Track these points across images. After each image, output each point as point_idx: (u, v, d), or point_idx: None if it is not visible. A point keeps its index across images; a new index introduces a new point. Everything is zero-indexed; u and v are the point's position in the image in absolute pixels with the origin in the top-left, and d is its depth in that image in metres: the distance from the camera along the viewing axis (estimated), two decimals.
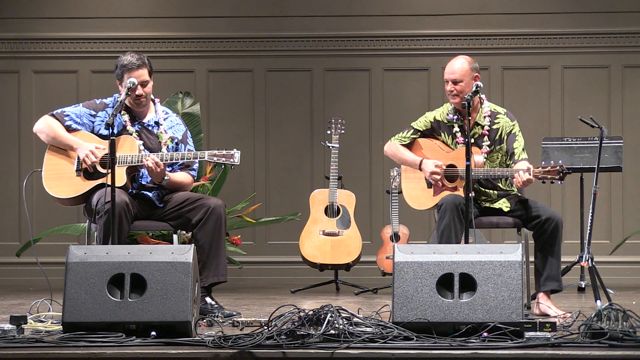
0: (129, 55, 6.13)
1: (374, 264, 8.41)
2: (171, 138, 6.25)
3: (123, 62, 6.11)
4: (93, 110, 6.19)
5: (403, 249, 4.90)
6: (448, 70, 6.38)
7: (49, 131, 6.14)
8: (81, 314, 4.77)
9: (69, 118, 6.17)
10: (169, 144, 6.23)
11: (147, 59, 6.16)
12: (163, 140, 6.23)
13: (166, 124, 6.28)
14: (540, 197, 8.23)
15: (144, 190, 6.17)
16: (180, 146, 6.29)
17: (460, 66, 6.33)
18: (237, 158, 5.99)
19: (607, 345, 4.47)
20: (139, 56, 6.14)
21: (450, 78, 6.35)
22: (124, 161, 6.00)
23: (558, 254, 6.23)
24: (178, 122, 6.36)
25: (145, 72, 6.12)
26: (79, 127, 6.17)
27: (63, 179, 6.09)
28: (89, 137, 6.13)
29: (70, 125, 6.16)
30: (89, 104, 6.24)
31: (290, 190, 9.40)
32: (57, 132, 6.13)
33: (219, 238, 6.08)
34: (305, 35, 9.43)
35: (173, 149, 6.25)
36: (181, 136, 6.31)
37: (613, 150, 7.78)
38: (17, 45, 9.50)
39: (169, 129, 6.27)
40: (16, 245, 9.12)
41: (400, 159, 6.53)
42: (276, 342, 4.50)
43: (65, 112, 6.20)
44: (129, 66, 6.09)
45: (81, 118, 6.18)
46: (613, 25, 9.29)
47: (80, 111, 6.20)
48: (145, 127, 6.23)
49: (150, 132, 6.23)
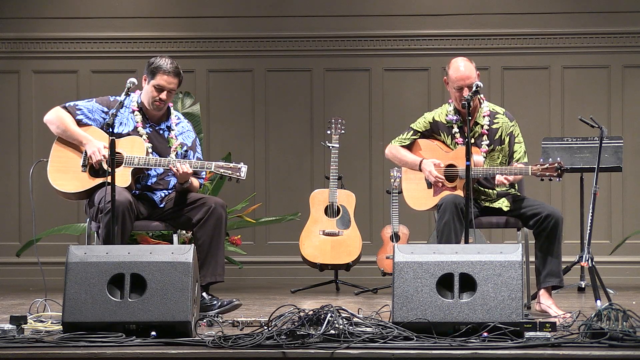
0: (167, 59, 6.12)
1: (374, 264, 8.41)
2: (181, 144, 6.25)
3: (160, 63, 6.10)
4: (106, 107, 6.16)
5: (403, 249, 4.90)
6: (461, 77, 6.26)
7: (59, 123, 6.11)
8: (81, 314, 4.77)
9: (81, 112, 6.14)
10: (178, 150, 6.23)
11: (181, 72, 6.18)
12: (173, 146, 6.22)
13: (177, 130, 6.27)
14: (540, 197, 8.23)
15: (148, 190, 6.17)
16: (189, 153, 6.29)
17: (471, 71, 6.27)
18: (243, 172, 5.99)
19: (607, 345, 4.47)
20: (176, 65, 6.15)
21: (466, 84, 6.26)
22: (131, 162, 5.99)
23: (558, 251, 6.23)
24: (189, 128, 6.36)
25: (176, 81, 6.14)
26: (89, 122, 6.14)
27: (68, 173, 6.08)
28: (99, 133, 6.11)
29: (81, 119, 6.13)
30: (102, 100, 6.20)
31: (290, 190, 9.40)
32: (67, 126, 6.10)
33: (218, 237, 6.08)
34: (305, 35, 9.44)
35: (182, 155, 6.25)
36: (190, 143, 6.31)
37: (613, 150, 7.78)
38: (17, 45, 9.50)
39: (179, 134, 6.27)
40: (16, 245, 9.12)
41: (401, 161, 6.53)
42: (276, 342, 4.50)
43: (78, 105, 6.17)
44: (167, 69, 6.08)
45: (93, 114, 6.15)
46: (613, 25, 9.29)
47: (93, 106, 6.17)
48: (156, 130, 6.22)
49: (161, 136, 6.22)
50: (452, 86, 6.32)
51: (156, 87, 6.09)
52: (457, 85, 6.28)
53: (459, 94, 6.27)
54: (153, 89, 6.10)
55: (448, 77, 6.35)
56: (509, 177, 6.14)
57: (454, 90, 6.30)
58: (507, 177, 6.14)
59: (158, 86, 6.08)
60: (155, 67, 6.10)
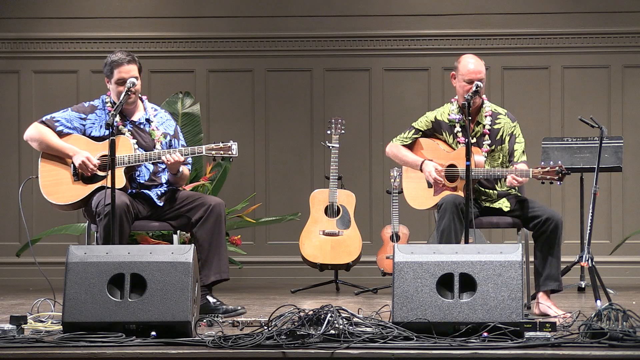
0: (118, 53, 6.16)
1: (374, 264, 8.41)
2: (164, 134, 6.27)
3: (112, 58, 6.13)
4: (83, 114, 6.18)
5: (403, 249, 4.91)
6: (473, 70, 6.28)
7: (41, 140, 6.12)
8: (81, 314, 4.77)
9: (60, 123, 6.15)
10: (162, 140, 6.24)
11: (136, 57, 6.17)
12: (156, 137, 6.23)
13: (157, 121, 6.29)
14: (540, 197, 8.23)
15: (144, 188, 6.17)
16: (173, 141, 6.30)
17: (482, 66, 6.29)
18: (234, 150, 5.99)
19: (607, 345, 4.47)
20: (128, 53, 6.17)
21: (477, 78, 6.26)
22: (122, 162, 5.99)
23: (558, 253, 6.23)
24: (168, 117, 6.37)
25: (134, 67, 6.12)
26: (70, 131, 6.15)
27: (61, 185, 6.08)
28: (82, 139, 6.11)
29: (62, 130, 6.14)
30: (78, 108, 6.22)
31: (290, 190, 9.39)
32: (49, 140, 6.11)
33: (219, 236, 6.08)
34: (305, 35, 9.43)
35: (166, 144, 6.25)
36: (173, 131, 6.33)
37: (613, 150, 7.78)
38: (17, 45, 9.49)
39: (160, 125, 6.28)
40: (16, 245, 9.12)
41: (402, 160, 6.52)
42: (276, 342, 4.50)
43: (55, 117, 6.17)
44: (118, 61, 6.09)
45: (72, 122, 6.16)
46: (613, 25, 9.29)
47: (70, 115, 6.18)
48: (136, 125, 6.23)
49: (142, 130, 6.23)
50: (461, 79, 6.31)
51: (119, 82, 6.09)
52: (468, 79, 6.28)
53: (469, 87, 6.27)
54: (117, 85, 6.11)
55: (457, 71, 6.33)
56: (519, 178, 6.12)
57: (464, 84, 6.29)
58: (517, 178, 6.12)
59: (119, 80, 6.09)
60: (109, 65, 6.12)
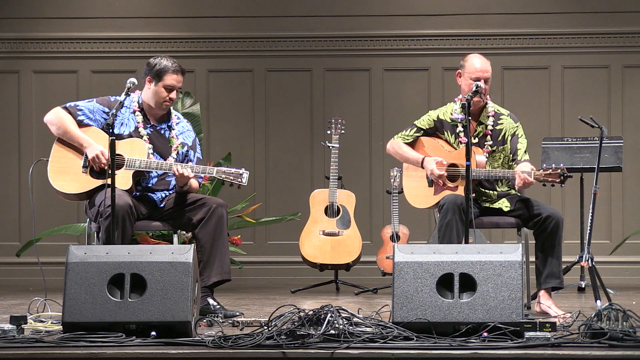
0: (169, 59, 6.16)
1: (374, 264, 8.41)
2: (182, 144, 6.25)
3: (165, 63, 6.13)
4: (107, 107, 6.13)
5: (403, 249, 4.90)
6: (481, 69, 6.28)
7: (60, 124, 6.08)
8: (81, 314, 4.77)
9: (82, 113, 6.13)
10: (179, 150, 6.23)
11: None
12: (174, 145, 6.22)
13: (178, 129, 6.28)
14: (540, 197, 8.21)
15: (149, 192, 6.17)
16: (189, 152, 6.29)
17: (489, 65, 6.30)
18: (244, 179, 6.00)
19: (607, 345, 4.47)
20: (179, 63, 6.20)
21: (484, 76, 6.26)
22: (132, 165, 5.98)
23: (559, 252, 6.24)
24: (188, 128, 6.36)
25: (182, 79, 6.19)
26: (90, 123, 6.11)
27: (69, 174, 6.06)
28: (99, 134, 6.08)
29: (82, 120, 6.11)
30: (103, 101, 6.18)
31: (290, 190, 9.40)
32: (68, 127, 6.07)
33: (221, 237, 6.08)
34: (305, 35, 9.43)
35: (183, 154, 6.25)
36: (191, 142, 6.32)
37: (613, 150, 7.78)
38: (17, 45, 9.50)
39: (180, 134, 6.27)
40: (16, 245, 9.12)
41: (403, 157, 6.52)
42: (276, 342, 4.50)
43: (79, 106, 6.14)
44: (174, 69, 6.12)
45: (94, 114, 6.14)
46: (613, 25, 9.29)
47: (94, 107, 6.15)
48: (157, 130, 6.21)
49: (162, 136, 6.21)
50: (468, 77, 6.30)
51: (167, 88, 6.11)
52: (475, 77, 6.27)
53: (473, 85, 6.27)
54: (163, 90, 6.11)
55: (464, 69, 6.32)
56: (529, 178, 6.09)
57: (470, 82, 6.28)
58: (528, 178, 6.09)
59: (168, 86, 6.11)
60: (161, 69, 6.11)
